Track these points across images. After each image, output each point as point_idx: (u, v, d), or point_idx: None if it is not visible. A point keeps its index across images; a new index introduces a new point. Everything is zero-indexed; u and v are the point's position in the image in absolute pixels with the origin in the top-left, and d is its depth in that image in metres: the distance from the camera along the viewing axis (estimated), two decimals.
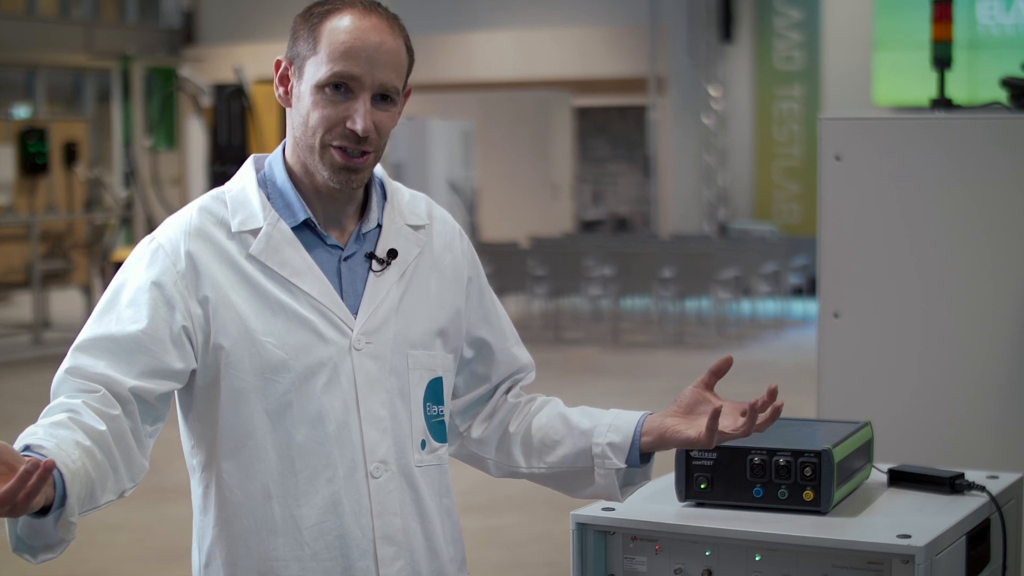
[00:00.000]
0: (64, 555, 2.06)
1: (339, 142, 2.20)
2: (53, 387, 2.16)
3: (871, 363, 3.70)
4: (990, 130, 3.62)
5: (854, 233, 3.70)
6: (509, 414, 2.46)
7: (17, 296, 16.06)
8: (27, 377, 11.91)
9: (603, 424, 2.38)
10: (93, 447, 2.06)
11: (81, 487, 2.01)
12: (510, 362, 2.47)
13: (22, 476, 1.84)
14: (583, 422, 2.40)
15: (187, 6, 22.87)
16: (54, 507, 1.97)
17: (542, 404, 2.47)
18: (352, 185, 2.23)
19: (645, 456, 2.36)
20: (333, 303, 2.24)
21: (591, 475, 2.38)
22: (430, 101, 19.03)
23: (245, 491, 2.22)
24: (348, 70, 2.18)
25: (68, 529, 2.00)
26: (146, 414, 2.17)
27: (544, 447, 2.42)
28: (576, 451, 2.39)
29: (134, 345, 2.16)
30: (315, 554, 2.22)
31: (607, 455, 2.36)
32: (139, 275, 2.22)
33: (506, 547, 6.69)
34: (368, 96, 2.20)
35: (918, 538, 2.22)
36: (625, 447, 2.35)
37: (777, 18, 19.59)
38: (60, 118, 17.77)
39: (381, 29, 2.22)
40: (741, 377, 11.56)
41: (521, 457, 2.44)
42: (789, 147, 19.61)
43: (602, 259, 14.85)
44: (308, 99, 2.21)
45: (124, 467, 2.12)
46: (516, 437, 2.44)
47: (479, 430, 2.46)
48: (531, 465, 2.43)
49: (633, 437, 2.35)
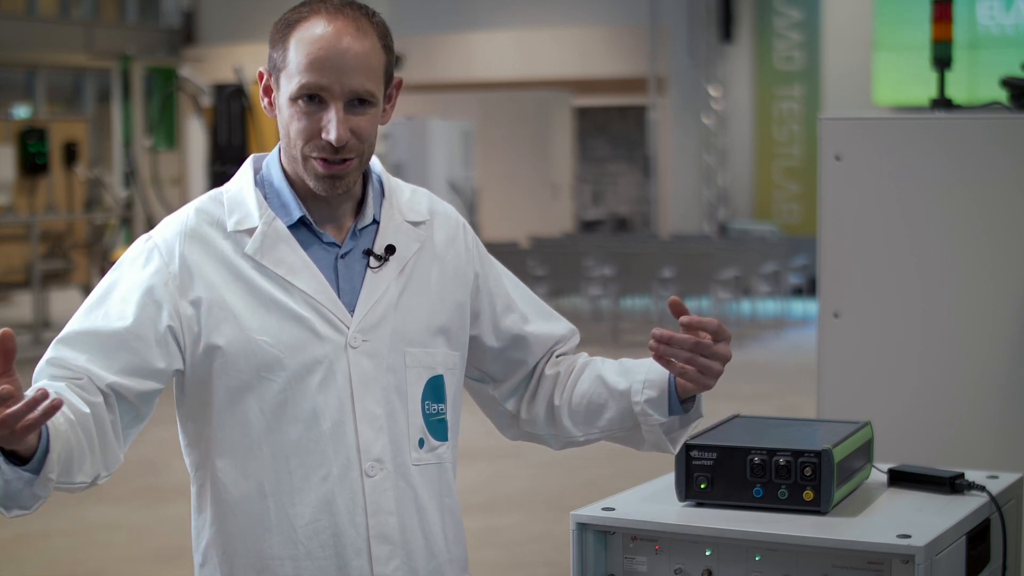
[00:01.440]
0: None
1: (317, 153, 2.20)
2: (34, 376, 2.17)
3: (871, 363, 3.70)
4: (990, 130, 3.62)
5: (854, 233, 3.70)
6: (551, 387, 2.46)
7: (17, 296, 16.05)
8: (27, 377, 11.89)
9: (638, 381, 2.38)
10: (76, 422, 2.08)
11: (63, 449, 2.03)
12: (544, 340, 2.47)
13: (30, 402, 1.87)
14: (620, 382, 2.40)
15: (187, 6, 22.87)
16: (34, 460, 1.98)
17: (581, 368, 2.46)
18: (338, 191, 2.23)
19: (688, 400, 2.36)
20: (329, 300, 2.24)
21: (640, 433, 2.39)
22: (430, 101, 19.02)
23: (240, 489, 2.22)
24: (315, 81, 2.17)
25: (44, 485, 2.02)
26: (125, 411, 2.18)
27: (592, 414, 2.42)
28: (621, 413, 2.39)
29: (117, 342, 2.17)
30: (309, 552, 2.21)
31: (647, 412, 2.36)
32: (131, 273, 2.23)
33: (506, 547, 6.69)
34: (340, 105, 2.18)
35: (918, 538, 2.22)
36: (664, 400, 2.35)
37: (777, 18, 19.59)
38: (60, 118, 17.77)
39: (348, 33, 2.19)
40: (741, 377, 11.60)
41: (573, 427, 2.44)
42: (789, 147, 19.60)
43: (602, 259, 14.85)
44: (286, 111, 2.21)
45: (101, 453, 2.13)
46: (563, 408, 2.44)
47: (527, 411, 2.46)
48: (586, 432, 2.44)
49: (668, 389, 2.35)
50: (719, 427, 2.58)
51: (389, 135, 15.30)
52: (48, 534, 6.95)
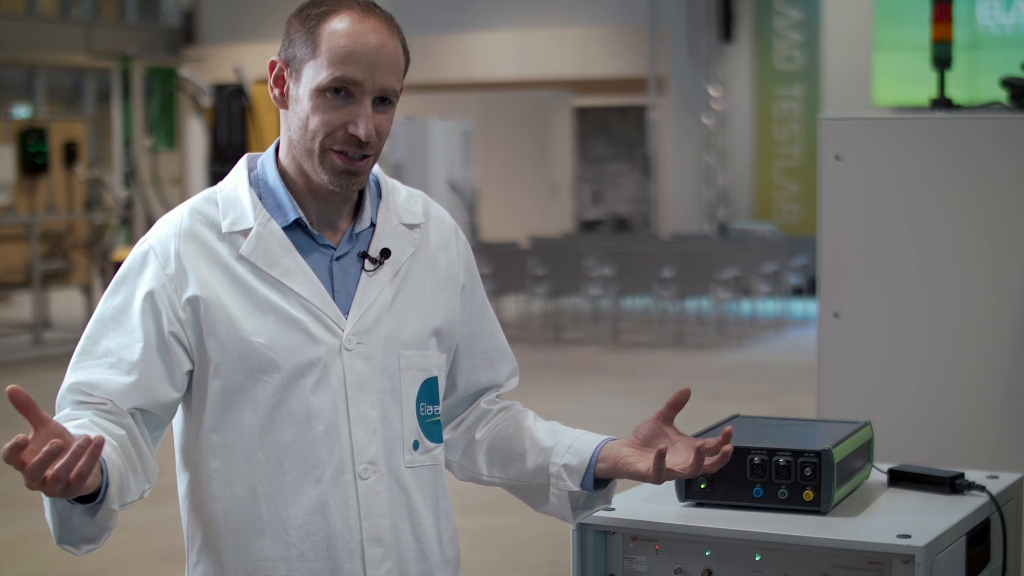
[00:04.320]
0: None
1: (340, 146, 2.18)
2: (57, 403, 2.18)
3: (871, 363, 3.70)
4: (990, 130, 3.62)
5: (854, 233, 3.70)
6: (478, 420, 2.45)
7: (17, 296, 16.05)
8: (27, 377, 11.91)
9: (563, 444, 2.36)
10: (117, 447, 2.10)
11: (118, 477, 2.06)
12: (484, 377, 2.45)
13: (75, 451, 1.86)
14: (546, 440, 2.39)
15: (187, 6, 22.87)
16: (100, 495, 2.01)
17: (513, 416, 2.45)
18: (352, 188, 2.22)
19: (602, 482, 2.35)
20: (323, 303, 2.23)
21: (547, 493, 2.37)
22: (430, 101, 19.03)
23: (232, 491, 2.22)
24: (350, 75, 2.16)
25: (109, 517, 2.05)
26: (150, 422, 2.20)
27: (507, 459, 2.41)
28: (535, 467, 2.38)
29: (129, 364, 2.18)
30: (302, 555, 2.21)
31: (562, 476, 2.34)
32: (132, 286, 2.22)
33: (505, 547, 6.69)
34: (369, 100, 2.18)
35: (918, 538, 2.22)
36: (581, 470, 2.33)
37: (777, 18, 19.59)
38: (60, 118, 17.76)
39: (380, 31, 2.19)
40: (741, 377, 11.62)
41: (484, 465, 2.43)
42: (789, 147, 19.61)
43: (602, 259, 14.85)
44: (307, 103, 2.19)
45: (142, 469, 2.16)
46: (482, 444, 2.43)
47: (448, 434, 2.45)
48: (492, 474, 2.43)
49: (590, 461, 2.33)
50: (719, 427, 2.58)
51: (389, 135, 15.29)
52: (48, 534, 6.94)
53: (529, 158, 19.99)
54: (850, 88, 18.16)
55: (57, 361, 12.30)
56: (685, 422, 2.28)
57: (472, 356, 2.43)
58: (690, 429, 2.42)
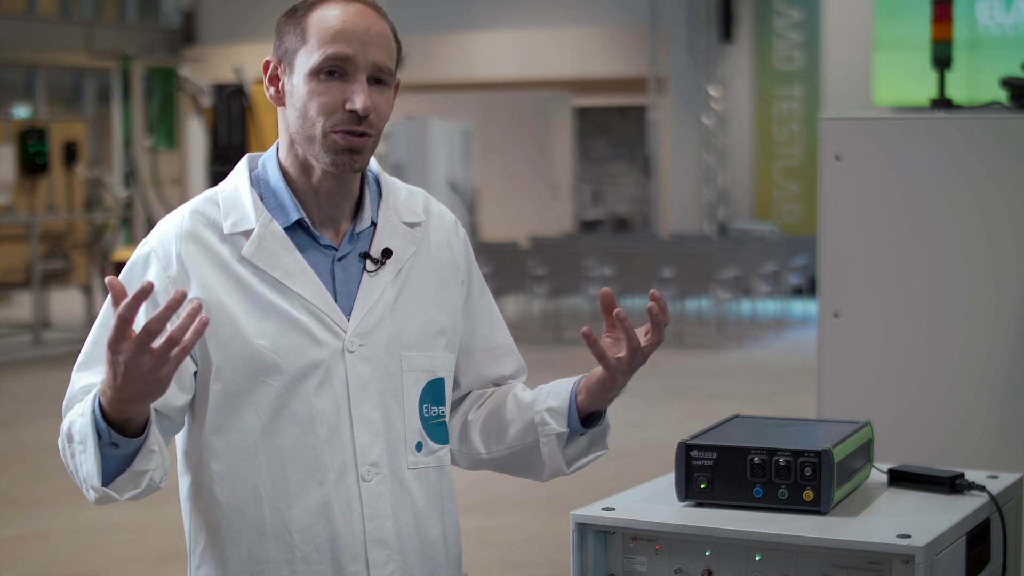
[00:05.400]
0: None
1: (340, 126, 2.18)
2: (64, 406, 2.17)
3: (871, 363, 3.70)
4: (990, 130, 3.62)
5: (854, 233, 3.70)
6: (471, 404, 2.44)
7: (17, 296, 16.05)
8: (27, 377, 11.91)
9: (544, 392, 2.35)
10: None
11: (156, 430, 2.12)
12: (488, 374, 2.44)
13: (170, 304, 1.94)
14: (529, 396, 2.36)
15: (187, 6, 22.87)
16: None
17: (502, 391, 2.44)
18: (354, 167, 2.20)
19: (592, 422, 2.33)
20: (326, 305, 2.23)
21: (540, 448, 2.34)
22: (430, 101, 19.02)
23: (235, 493, 2.22)
24: (341, 51, 2.17)
25: (148, 458, 2.08)
26: (162, 424, 2.20)
27: (500, 429, 2.38)
28: (524, 426, 2.35)
29: None
30: (305, 557, 2.21)
31: (546, 421, 2.32)
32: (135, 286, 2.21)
33: (504, 547, 6.69)
34: (364, 76, 2.18)
35: (918, 538, 2.22)
36: (564, 410, 2.31)
37: (777, 18, 19.59)
38: (60, 118, 17.76)
39: (368, 15, 2.22)
40: (741, 377, 11.61)
41: (481, 443, 2.40)
42: (789, 147, 19.61)
43: (602, 259, 14.85)
44: (303, 89, 2.19)
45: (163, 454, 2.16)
46: (475, 424, 2.41)
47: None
48: (490, 450, 2.40)
49: (570, 397, 2.31)
50: (719, 427, 2.58)
51: (389, 135, 15.30)
52: (48, 534, 6.95)
53: (529, 158, 19.99)
54: (850, 88, 18.16)
55: (57, 361, 12.30)
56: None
57: (473, 352, 2.42)
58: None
